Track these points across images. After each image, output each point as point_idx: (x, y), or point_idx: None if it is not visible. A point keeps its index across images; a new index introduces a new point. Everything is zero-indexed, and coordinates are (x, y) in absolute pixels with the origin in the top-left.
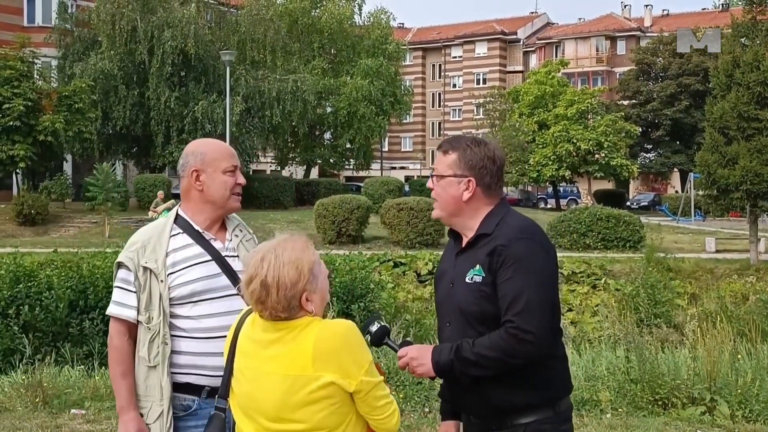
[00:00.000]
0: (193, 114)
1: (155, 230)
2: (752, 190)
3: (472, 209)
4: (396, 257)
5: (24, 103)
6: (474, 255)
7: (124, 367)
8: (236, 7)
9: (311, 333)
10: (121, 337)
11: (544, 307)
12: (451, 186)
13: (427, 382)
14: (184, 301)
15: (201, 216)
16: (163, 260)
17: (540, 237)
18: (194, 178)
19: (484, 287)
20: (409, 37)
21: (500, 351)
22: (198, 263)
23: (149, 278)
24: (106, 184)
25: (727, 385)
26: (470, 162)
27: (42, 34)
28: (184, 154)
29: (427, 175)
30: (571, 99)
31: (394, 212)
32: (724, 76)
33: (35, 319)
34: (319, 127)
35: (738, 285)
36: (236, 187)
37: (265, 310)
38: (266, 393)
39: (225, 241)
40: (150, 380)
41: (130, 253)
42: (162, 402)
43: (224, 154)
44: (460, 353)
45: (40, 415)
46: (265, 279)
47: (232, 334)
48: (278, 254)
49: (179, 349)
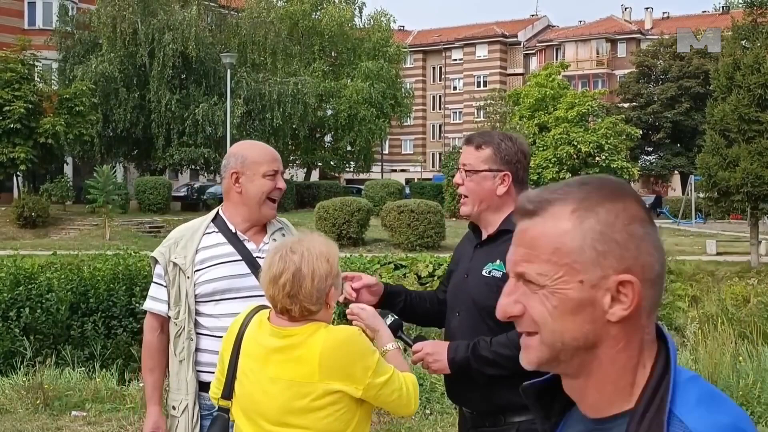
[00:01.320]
0: (193, 116)
1: (191, 228)
2: (753, 192)
3: (503, 204)
4: (396, 259)
5: (25, 105)
6: (494, 249)
7: (153, 362)
8: (237, 10)
9: (318, 341)
10: (152, 332)
11: None
12: (486, 180)
13: (428, 383)
14: (208, 299)
15: (238, 217)
16: (192, 257)
17: None
18: (233, 180)
19: (503, 283)
20: (410, 40)
21: (517, 349)
22: (225, 262)
23: (178, 274)
24: (106, 187)
25: (729, 387)
26: (506, 156)
27: (43, 37)
28: (227, 155)
29: (427, 178)
30: (571, 101)
31: (394, 214)
32: (725, 79)
33: (36, 321)
34: (320, 129)
35: (739, 287)
36: (275, 192)
37: (295, 304)
38: (270, 397)
39: (261, 243)
40: (180, 374)
41: (163, 248)
42: (188, 396)
43: (266, 158)
44: (478, 351)
45: (40, 417)
46: (300, 269)
47: (235, 334)
48: (309, 247)
49: (203, 347)
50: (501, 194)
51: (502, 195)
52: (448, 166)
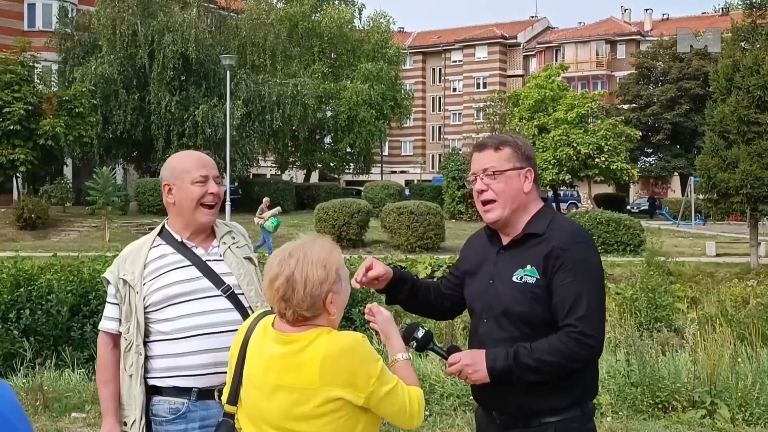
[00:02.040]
0: (193, 118)
1: (139, 243)
2: (752, 193)
3: (527, 203)
4: (396, 261)
5: (24, 107)
6: (523, 254)
7: (106, 376)
8: (236, 12)
9: (320, 347)
10: (104, 348)
11: (601, 312)
12: (513, 179)
13: (427, 385)
14: (160, 306)
15: (179, 226)
16: (140, 272)
17: (591, 240)
18: (167, 192)
19: (536, 289)
20: (410, 41)
21: (561, 356)
22: (174, 269)
23: (128, 290)
24: (106, 188)
25: (728, 389)
26: (525, 152)
27: (42, 39)
28: (162, 169)
29: (427, 179)
30: (571, 103)
31: (394, 216)
32: (724, 80)
33: (36, 322)
34: (320, 131)
35: (738, 289)
36: (206, 197)
37: (288, 308)
38: (272, 403)
39: (210, 247)
40: (130, 390)
41: (113, 267)
42: (136, 410)
43: (193, 165)
44: (519, 359)
45: (40, 419)
46: (293, 275)
47: (241, 340)
48: (306, 252)
49: (160, 353)
50: (528, 191)
51: (528, 192)
52: (447, 168)
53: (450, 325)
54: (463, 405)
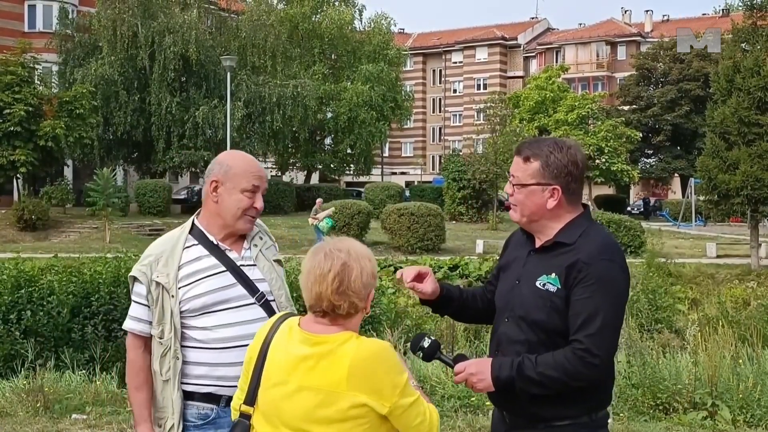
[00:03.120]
0: (193, 119)
1: (169, 242)
2: (753, 195)
3: (555, 215)
4: (397, 262)
5: (25, 108)
6: (550, 261)
7: (139, 381)
8: (237, 13)
9: (348, 350)
10: (135, 351)
11: (614, 332)
12: (535, 195)
13: (428, 386)
14: (198, 314)
15: (215, 227)
16: (175, 274)
17: (621, 258)
18: (212, 188)
19: (556, 299)
20: (410, 43)
21: (564, 372)
22: (211, 275)
23: (161, 293)
24: (106, 190)
25: (729, 390)
26: (555, 170)
27: (43, 40)
28: (214, 161)
29: (427, 180)
30: (571, 104)
31: (394, 217)
32: (725, 82)
33: (37, 324)
34: (320, 132)
35: (739, 290)
36: (251, 210)
37: (344, 300)
38: (294, 405)
39: (242, 250)
40: (165, 393)
41: (143, 266)
42: (173, 416)
43: (249, 173)
44: (523, 371)
45: (41, 420)
46: (348, 263)
47: (261, 341)
48: (351, 246)
49: (196, 360)
50: (551, 207)
51: (552, 208)
52: (448, 169)
53: (451, 327)
54: (464, 407)
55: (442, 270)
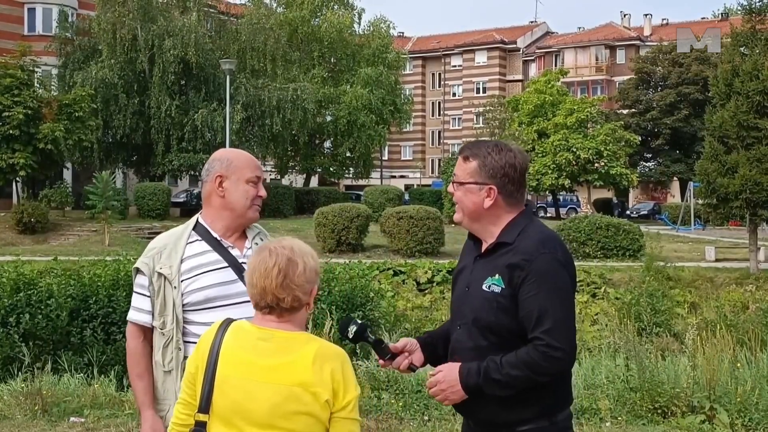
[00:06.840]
0: (193, 122)
1: (173, 237)
2: (752, 198)
3: (494, 216)
4: (396, 265)
5: (24, 111)
6: (493, 262)
7: (140, 368)
8: (236, 16)
9: (311, 348)
10: (135, 340)
11: (569, 323)
12: (472, 193)
13: (426, 389)
14: (199, 307)
15: (220, 223)
16: (178, 266)
17: (561, 251)
18: (217, 184)
19: (501, 299)
20: (409, 46)
21: (528, 369)
22: (213, 269)
23: (163, 284)
24: (105, 193)
25: (727, 394)
26: (491, 170)
27: (42, 43)
28: (210, 160)
29: (427, 184)
30: (570, 108)
31: (393, 221)
32: (724, 85)
33: (36, 327)
34: (319, 135)
35: (737, 294)
36: (257, 198)
37: (288, 293)
38: (259, 402)
39: (244, 249)
40: (166, 384)
41: (147, 258)
42: None
43: (250, 164)
44: (489, 375)
45: (39, 423)
46: (292, 258)
47: (208, 348)
48: (295, 243)
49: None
50: (487, 207)
51: (489, 208)
52: (447, 173)
53: None
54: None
55: (441, 273)
